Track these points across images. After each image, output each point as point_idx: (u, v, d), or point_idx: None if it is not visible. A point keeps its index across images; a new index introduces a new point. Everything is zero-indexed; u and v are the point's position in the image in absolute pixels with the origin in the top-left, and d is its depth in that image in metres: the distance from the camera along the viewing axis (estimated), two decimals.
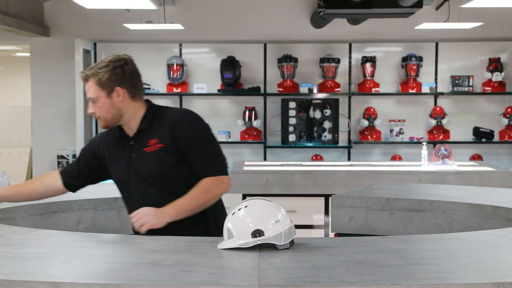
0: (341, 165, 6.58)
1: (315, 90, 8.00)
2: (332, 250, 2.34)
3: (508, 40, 8.07)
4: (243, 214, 2.34)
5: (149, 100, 2.86)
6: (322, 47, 8.10)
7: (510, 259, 2.23)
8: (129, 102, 2.76)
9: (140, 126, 2.77)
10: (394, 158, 8.02)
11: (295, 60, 7.94)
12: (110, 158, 2.83)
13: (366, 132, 8.06)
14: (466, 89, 8.00)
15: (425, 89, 7.97)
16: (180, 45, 8.16)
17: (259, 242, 2.28)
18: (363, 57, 7.99)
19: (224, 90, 7.97)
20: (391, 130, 8.08)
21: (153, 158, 2.72)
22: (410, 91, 8.00)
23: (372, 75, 7.97)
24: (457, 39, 8.03)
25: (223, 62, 7.91)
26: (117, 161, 2.81)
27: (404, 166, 6.32)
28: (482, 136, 7.99)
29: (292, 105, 7.93)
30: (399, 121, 8.07)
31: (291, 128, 7.94)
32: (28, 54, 9.08)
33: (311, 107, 7.95)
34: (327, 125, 7.89)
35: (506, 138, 8.03)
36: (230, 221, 2.35)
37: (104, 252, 2.34)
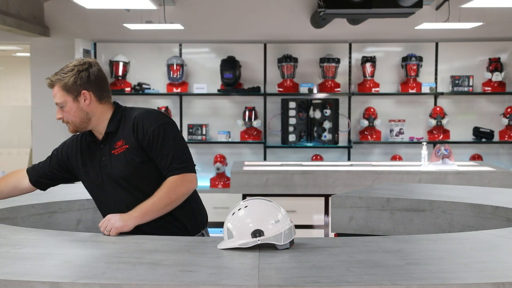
0: (341, 165, 6.59)
1: (315, 90, 8.00)
2: (332, 250, 2.34)
3: (508, 40, 8.07)
4: (243, 214, 2.34)
5: (116, 102, 2.86)
6: (322, 47, 8.10)
7: (510, 259, 2.23)
8: (96, 105, 2.76)
9: (107, 129, 2.77)
10: (394, 158, 8.02)
11: (295, 60, 7.94)
12: (82, 162, 2.83)
13: (366, 132, 8.06)
14: (466, 89, 8.00)
15: (425, 89, 7.97)
16: (180, 45, 8.16)
17: (259, 242, 2.28)
18: (363, 57, 7.99)
19: (224, 90, 7.97)
20: (391, 130, 8.08)
21: (121, 160, 2.72)
22: (410, 91, 8.00)
23: (372, 75, 7.97)
24: (457, 39, 8.03)
25: (223, 62, 7.91)
26: (90, 165, 2.81)
27: (404, 166, 6.32)
28: (482, 136, 7.99)
29: (292, 105, 7.93)
30: (399, 121, 8.07)
31: (291, 128, 7.94)
32: (28, 54, 9.08)
33: (311, 107, 7.95)
34: (327, 125, 7.89)
35: (506, 138, 8.02)
36: (230, 221, 2.35)
37: (104, 252, 2.34)
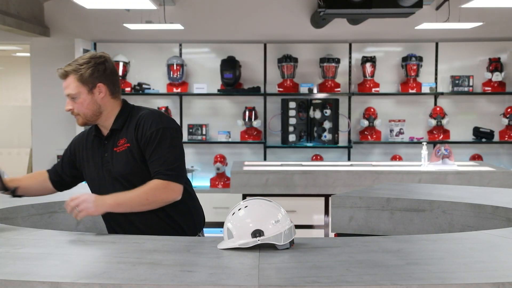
0: (341, 165, 6.59)
1: (315, 90, 8.00)
2: (332, 250, 2.34)
3: (508, 40, 8.07)
4: (243, 214, 2.34)
5: (124, 99, 2.87)
6: (322, 47, 8.10)
7: (510, 259, 2.23)
8: (108, 100, 2.77)
9: (112, 126, 2.78)
10: (394, 158, 8.02)
11: (295, 60, 7.94)
12: (86, 157, 2.84)
13: (366, 132, 8.06)
14: (466, 89, 8.00)
15: (425, 89, 7.97)
16: (180, 45, 8.16)
17: (259, 242, 2.28)
18: (363, 57, 7.99)
19: (224, 90, 7.97)
20: (391, 130, 8.08)
21: (122, 158, 2.72)
22: (410, 91, 8.00)
23: (372, 75, 7.97)
24: (457, 39, 8.03)
25: (223, 62, 7.91)
26: (92, 160, 2.82)
27: (404, 166, 6.32)
28: (482, 136, 7.99)
29: (292, 105, 7.93)
30: (399, 121, 8.07)
31: (291, 128, 7.94)
32: (28, 54, 9.08)
33: (311, 107, 7.95)
34: (327, 125, 7.89)
35: (506, 138, 8.03)
36: (230, 221, 2.35)
37: (104, 252, 2.34)
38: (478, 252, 2.32)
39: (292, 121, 7.92)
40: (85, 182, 2.96)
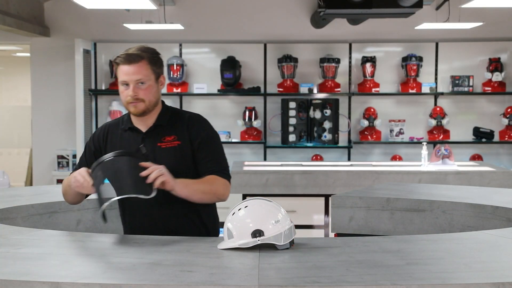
0: (341, 165, 6.59)
1: (315, 90, 8.00)
2: (332, 250, 2.34)
3: (508, 40, 8.07)
4: (243, 214, 2.34)
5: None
6: (322, 47, 8.10)
7: (510, 259, 2.23)
8: (160, 93, 2.80)
9: (157, 122, 2.78)
10: (394, 158, 8.02)
11: (295, 60, 7.94)
12: (112, 150, 2.78)
13: (366, 132, 8.06)
14: (466, 89, 8.00)
15: (425, 89, 7.97)
16: (180, 45, 8.16)
17: (259, 242, 2.28)
18: (363, 57, 7.99)
19: (224, 90, 7.97)
20: (391, 130, 8.08)
21: (168, 154, 2.73)
22: (410, 91, 8.00)
23: (372, 75, 7.97)
24: (457, 39, 8.03)
25: (223, 62, 7.91)
26: None
27: (404, 166, 6.32)
28: (482, 136, 7.99)
29: (292, 105, 7.93)
30: (399, 121, 8.07)
31: (291, 128, 7.94)
32: (28, 54, 9.08)
33: (311, 107, 7.95)
34: (327, 125, 7.89)
35: (506, 138, 8.03)
36: (230, 221, 2.35)
37: (104, 252, 2.34)
38: (478, 252, 2.32)
39: (292, 121, 7.92)
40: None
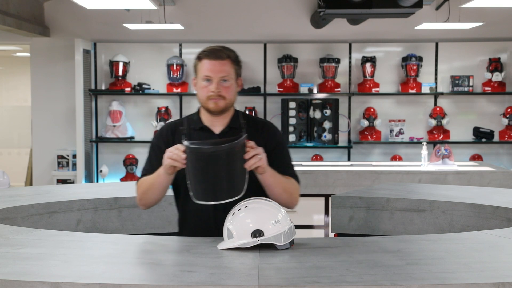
0: (341, 165, 6.59)
1: (315, 90, 8.00)
2: (332, 250, 2.34)
3: (508, 40, 8.07)
4: (243, 214, 2.34)
5: None
6: (322, 47, 8.10)
7: (510, 259, 2.23)
8: (236, 95, 2.81)
9: (231, 124, 2.77)
10: (394, 158, 8.02)
11: (295, 60, 7.94)
12: None
13: (366, 132, 8.07)
14: (466, 89, 8.00)
15: (425, 89, 7.97)
16: (180, 45, 8.16)
17: (259, 242, 2.28)
18: (363, 57, 7.99)
19: None
20: (391, 130, 8.08)
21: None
22: (410, 91, 8.00)
23: (372, 75, 7.97)
24: (457, 39, 8.03)
25: None
26: None
27: (404, 166, 6.32)
28: (482, 136, 7.99)
29: (292, 105, 7.93)
30: (399, 121, 8.08)
31: (291, 128, 7.94)
32: (28, 54, 9.08)
33: (311, 107, 7.95)
34: (327, 125, 7.89)
35: (506, 138, 8.03)
36: (230, 221, 2.35)
37: (104, 252, 2.34)
38: (478, 252, 2.32)
39: (292, 121, 7.92)
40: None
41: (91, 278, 1.98)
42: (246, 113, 2.90)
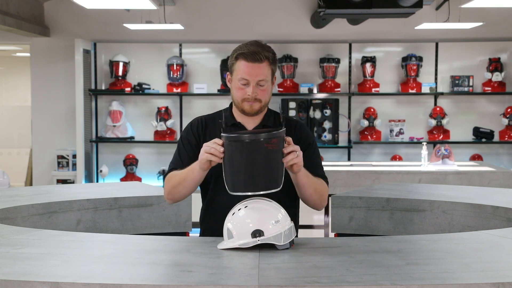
0: (341, 165, 6.58)
1: (315, 90, 8.00)
2: (332, 250, 2.33)
3: (508, 40, 8.07)
4: (243, 214, 2.34)
5: None
6: (322, 47, 8.10)
7: (510, 259, 2.23)
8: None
9: (263, 121, 2.74)
10: (394, 158, 8.02)
11: (295, 60, 7.94)
12: None
13: (366, 132, 8.07)
14: (466, 89, 8.00)
15: (425, 89, 7.97)
16: (180, 45, 8.16)
17: (259, 242, 2.28)
18: (363, 57, 7.99)
19: (224, 90, 7.97)
20: (391, 130, 8.08)
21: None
22: (410, 91, 8.00)
23: (372, 75, 7.97)
24: (457, 39, 8.03)
25: (223, 62, 7.91)
26: None
27: (404, 166, 6.32)
28: (482, 136, 7.99)
29: (292, 105, 7.93)
30: (399, 121, 8.08)
31: None
32: (28, 54, 9.08)
33: (311, 107, 7.95)
34: (327, 125, 7.89)
35: (506, 138, 8.03)
36: (230, 221, 2.35)
37: (104, 252, 2.34)
38: (478, 252, 2.32)
39: None
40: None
41: (91, 278, 1.98)
42: (276, 112, 2.84)
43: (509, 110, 7.94)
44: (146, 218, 3.50)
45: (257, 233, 2.28)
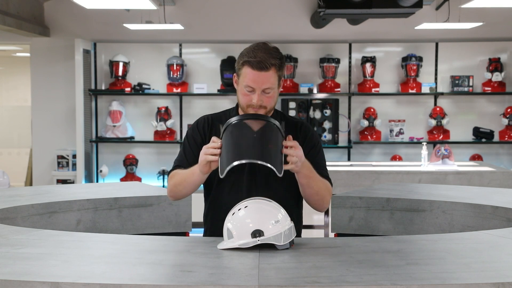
0: (341, 165, 6.59)
1: (315, 90, 8.00)
2: (332, 250, 2.33)
3: (508, 40, 8.07)
4: (243, 214, 2.34)
5: None
6: (322, 47, 8.10)
7: (510, 259, 2.23)
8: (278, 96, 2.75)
9: None
10: (394, 158, 8.02)
11: (295, 60, 7.93)
12: None
13: (366, 132, 8.07)
14: (466, 89, 8.00)
15: (425, 89, 7.97)
16: (180, 45, 8.16)
17: (259, 242, 2.28)
18: (363, 57, 7.99)
19: (224, 90, 7.97)
20: (391, 130, 8.08)
21: None
22: (410, 91, 8.00)
23: (372, 75, 7.97)
24: (457, 39, 8.03)
25: (223, 62, 7.91)
26: None
27: (404, 166, 6.32)
28: (482, 136, 7.99)
29: (292, 105, 7.93)
30: (399, 121, 8.08)
31: None
32: (28, 54, 9.08)
33: (311, 107, 7.95)
34: (327, 125, 7.89)
35: (506, 138, 8.03)
36: (230, 221, 2.35)
37: (104, 252, 2.34)
38: (478, 252, 2.32)
39: None
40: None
41: (91, 278, 1.98)
42: (283, 112, 2.84)
43: (509, 110, 7.94)
44: (146, 218, 3.50)
45: (257, 233, 2.28)
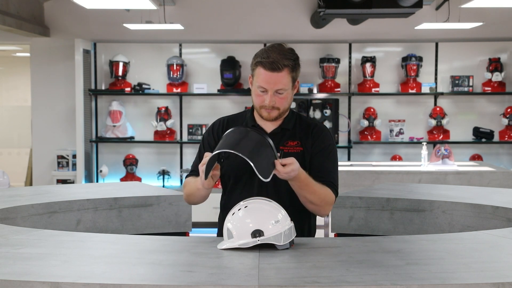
0: (341, 165, 6.58)
1: (315, 90, 8.00)
2: (332, 250, 2.33)
3: (508, 40, 8.07)
4: (243, 214, 2.34)
5: None
6: (322, 47, 8.10)
7: (510, 259, 2.23)
8: (292, 98, 2.73)
9: (283, 125, 2.73)
10: (394, 158, 8.02)
11: None
12: None
13: (366, 132, 8.07)
14: (466, 89, 8.00)
15: (425, 89, 7.97)
16: (180, 45, 8.16)
17: (259, 242, 2.28)
18: (363, 57, 7.99)
19: (224, 90, 7.97)
20: (391, 130, 8.08)
21: None
22: (410, 91, 8.00)
23: (372, 75, 7.97)
24: (457, 39, 8.03)
25: (223, 62, 7.91)
26: None
27: (404, 166, 6.32)
28: (482, 136, 7.99)
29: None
30: (399, 121, 8.08)
31: None
32: (28, 54, 9.08)
33: (311, 107, 7.95)
34: (327, 125, 7.89)
35: (506, 138, 8.03)
36: (230, 221, 2.35)
37: (104, 252, 2.34)
38: (478, 252, 2.32)
39: None
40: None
41: (91, 278, 1.98)
42: (301, 114, 2.84)
43: (509, 110, 7.94)
44: (146, 218, 3.50)
45: (257, 233, 2.28)
